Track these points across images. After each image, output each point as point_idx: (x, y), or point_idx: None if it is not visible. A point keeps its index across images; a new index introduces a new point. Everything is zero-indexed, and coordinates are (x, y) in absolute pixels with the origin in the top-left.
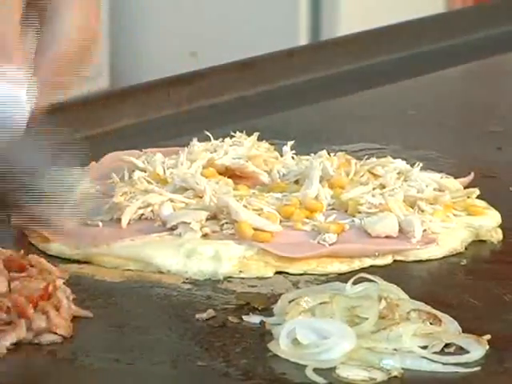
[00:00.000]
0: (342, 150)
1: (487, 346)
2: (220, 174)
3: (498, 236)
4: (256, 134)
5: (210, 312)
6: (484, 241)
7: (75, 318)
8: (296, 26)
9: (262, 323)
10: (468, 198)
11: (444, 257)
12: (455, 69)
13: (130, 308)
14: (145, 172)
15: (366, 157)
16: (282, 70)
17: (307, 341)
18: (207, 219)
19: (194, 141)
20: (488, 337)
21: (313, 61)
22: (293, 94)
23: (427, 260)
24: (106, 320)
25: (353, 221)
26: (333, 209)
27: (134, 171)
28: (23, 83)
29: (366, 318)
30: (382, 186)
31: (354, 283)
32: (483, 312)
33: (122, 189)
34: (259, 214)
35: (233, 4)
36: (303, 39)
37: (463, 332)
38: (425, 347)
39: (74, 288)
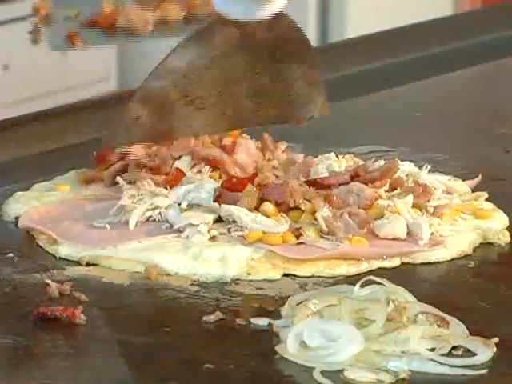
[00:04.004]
0: (350, 153)
1: (495, 349)
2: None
3: (505, 238)
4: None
5: (218, 314)
6: (492, 243)
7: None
8: (304, 28)
9: (270, 326)
10: (475, 200)
11: (452, 259)
12: (464, 71)
13: (138, 310)
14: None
15: (374, 159)
16: None
17: (315, 343)
18: (214, 222)
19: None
20: (496, 339)
21: (321, 63)
22: None
23: (435, 262)
24: (113, 322)
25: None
26: None
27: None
28: None
29: (374, 321)
30: (392, 189)
31: (362, 286)
32: (491, 314)
33: (130, 191)
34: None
35: None
36: (311, 41)
37: (471, 334)
38: (432, 349)
39: (81, 290)
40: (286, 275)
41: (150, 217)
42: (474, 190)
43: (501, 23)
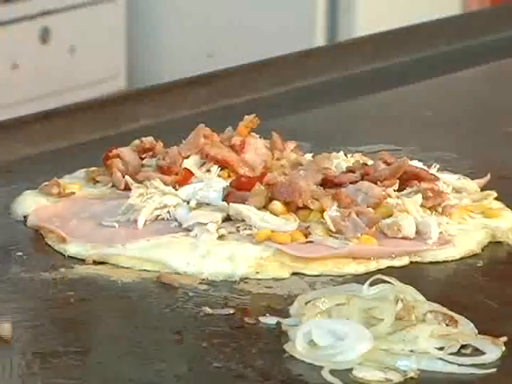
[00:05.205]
0: (358, 151)
1: (503, 348)
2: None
3: None
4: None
5: (228, 310)
6: (500, 242)
7: (88, 321)
8: (313, 27)
9: (279, 324)
10: (485, 199)
11: (460, 258)
12: (471, 70)
13: (146, 309)
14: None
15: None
16: (299, 71)
17: (324, 342)
18: (223, 220)
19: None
20: (504, 338)
21: (329, 62)
22: (309, 95)
23: (444, 261)
24: (121, 321)
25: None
26: None
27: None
28: None
29: (383, 320)
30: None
31: (371, 284)
32: (499, 313)
33: (138, 190)
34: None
35: (250, 5)
36: (320, 40)
37: (479, 333)
38: (441, 348)
39: (90, 288)
40: (294, 274)
41: (158, 215)
42: (482, 188)
43: (508, 22)
